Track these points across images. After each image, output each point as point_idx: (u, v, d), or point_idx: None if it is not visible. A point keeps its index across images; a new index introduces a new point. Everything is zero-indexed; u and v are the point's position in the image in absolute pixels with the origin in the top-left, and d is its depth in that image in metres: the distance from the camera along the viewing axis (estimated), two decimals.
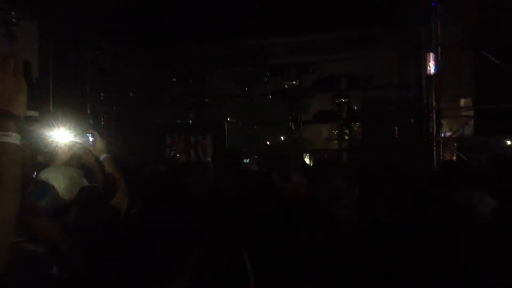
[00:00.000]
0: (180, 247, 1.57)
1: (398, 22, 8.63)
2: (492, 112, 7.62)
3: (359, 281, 2.21)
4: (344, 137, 9.87)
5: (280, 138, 12.65)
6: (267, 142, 11.67)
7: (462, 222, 2.32)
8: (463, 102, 9.42)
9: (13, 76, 1.45)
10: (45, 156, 3.58)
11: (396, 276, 2.32)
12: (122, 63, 10.11)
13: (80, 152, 3.19)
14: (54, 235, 2.29)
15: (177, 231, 1.70)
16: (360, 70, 9.53)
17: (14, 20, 7.36)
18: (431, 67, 7.86)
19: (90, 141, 3.18)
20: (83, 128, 3.41)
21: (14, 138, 1.40)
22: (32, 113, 7.94)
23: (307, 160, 10.20)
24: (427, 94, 7.95)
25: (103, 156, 3.14)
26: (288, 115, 10.32)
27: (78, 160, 3.34)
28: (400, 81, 8.82)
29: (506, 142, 8.38)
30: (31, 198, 2.37)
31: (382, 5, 8.25)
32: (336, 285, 2.21)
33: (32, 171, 2.93)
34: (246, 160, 5.20)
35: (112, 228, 2.64)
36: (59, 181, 2.52)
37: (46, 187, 2.46)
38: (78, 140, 3.19)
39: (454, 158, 8.34)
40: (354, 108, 9.67)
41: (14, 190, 1.40)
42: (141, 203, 3.27)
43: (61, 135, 3.29)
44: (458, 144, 8.38)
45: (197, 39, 9.62)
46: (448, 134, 8.66)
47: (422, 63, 7.90)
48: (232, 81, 10.41)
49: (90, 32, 8.85)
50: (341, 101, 9.44)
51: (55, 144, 3.26)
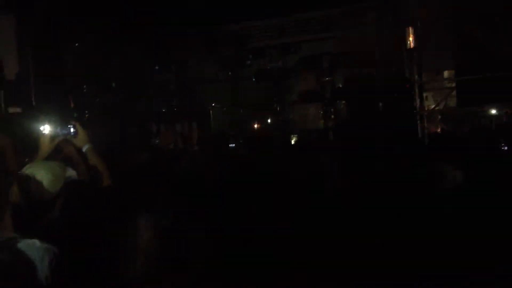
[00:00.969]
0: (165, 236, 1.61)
1: None
2: (473, 83, 7.68)
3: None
4: (330, 115, 9.90)
5: (266, 120, 12.66)
6: (253, 125, 11.69)
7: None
8: (447, 74, 9.47)
9: None
10: (28, 150, 3.57)
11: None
12: (103, 53, 10.01)
13: (62, 144, 3.18)
14: None
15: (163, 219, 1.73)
16: (342, 48, 9.56)
17: None
18: (411, 41, 7.89)
19: (72, 132, 3.17)
20: (65, 120, 3.40)
21: None
22: (15, 109, 7.88)
23: (293, 140, 10.25)
24: (408, 68, 7.98)
25: (86, 147, 3.14)
26: (273, 96, 10.34)
27: (61, 153, 3.33)
28: (382, 57, 8.85)
29: (489, 112, 8.46)
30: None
31: None
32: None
33: (16, 167, 2.92)
34: (231, 145, 5.20)
35: (98, 219, 2.66)
36: (43, 175, 2.53)
37: (31, 182, 2.47)
38: (59, 132, 3.17)
39: (438, 130, 8.44)
40: (338, 86, 9.71)
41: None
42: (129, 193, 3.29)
43: (43, 128, 3.28)
44: (442, 116, 8.46)
45: (178, 25, 9.57)
46: (432, 106, 8.73)
47: (402, 38, 7.93)
48: (215, 65, 10.39)
49: (69, 23, 8.75)
50: (324, 80, 9.46)
51: (37, 138, 3.25)
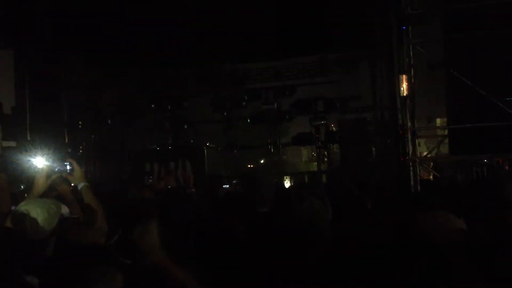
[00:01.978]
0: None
1: (371, 46, 8.85)
2: (465, 131, 7.79)
3: None
4: (323, 159, 9.97)
5: (260, 161, 12.70)
6: (247, 165, 11.71)
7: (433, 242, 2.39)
8: (439, 121, 9.61)
9: None
10: (23, 186, 3.56)
11: None
12: (99, 90, 10.10)
13: (58, 182, 3.18)
14: None
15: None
16: (337, 93, 9.72)
17: None
18: (404, 88, 8.04)
19: (68, 169, 3.17)
20: (61, 157, 3.40)
21: None
22: (9, 143, 7.87)
23: (287, 182, 10.26)
24: (402, 115, 8.10)
25: (81, 185, 3.14)
26: (267, 138, 10.40)
27: (55, 190, 3.31)
28: (376, 103, 9.00)
29: (481, 160, 8.54)
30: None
31: (356, 29, 8.48)
32: None
33: (10, 204, 2.91)
34: (225, 186, 5.20)
35: (92, 257, 2.64)
36: (37, 213, 2.52)
37: (26, 219, 2.46)
38: (55, 169, 3.17)
39: (430, 177, 8.49)
40: (331, 130, 9.82)
41: None
42: (122, 231, 3.26)
43: (39, 164, 3.27)
44: (434, 163, 8.52)
45: (175, 64, 9.71)
46: (425, 153, 8.82)
47: (396, 85, 8.07)
48: (211, 105, 10.48)
49: (67, 59, 8.86)
50: (318, 123, 9.56)
51: (32, 174, 3.24)
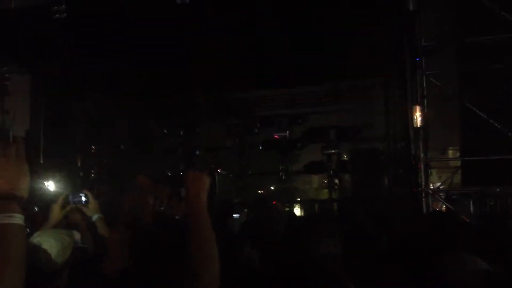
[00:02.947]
0: None
1: (385, 76, 8.88)
2: (478, 163, 7.74)
3: None
4: (334, 187, 9.92)
5: (271, 188, 12.66)
6: (258, 192, 11.68)
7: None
8: (452, 153, 9.56)
9: (15, 159, 1.52)
10: (37, 216, 3.57)
11: None
12: (113, 116, 10.20)
13: (73, 212, 3.18)
14: None
15: None
16: (349, 122, 9.72)
17: (7, 75, 7.47)
18: (417, 119, 8.02)
19: (83, 201, 3.17)
20: (74, 186, 3.42)
21: (18, 219, 1.46)
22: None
23: (297, 210, 10.20)
24: (414, 145, 8.06)
25: (95, 217, 3.14)
26: (278, 165, 10.40)
27: (67, 218, 3.32)
28: (388, 132, 8.98)
29: (494, 191, 8.44)
30: None
31: (370, 59, 8.52)
32: None
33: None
34: (236, 215, 5.17)
35: None
36: (51, 245, 2.52)
37: (39, 251, 2.46)
38: (71, 199, 3.18)
39: (443, 208, 8.39)
40: (343, 159, 9.78)
41: (20, 267, 1.45)
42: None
43: (51, 188, 3.29)
44: (446, 194, 8.43)
45: (188, 92, 9.79)
46: (438, 184, 8.73)
47: (409, 115, 8.06)
48: (223, 132, 10.54)
49: (81, 85, 8.97)
50: (330, 152, 9.54)
51: (47, 203, 3.25)
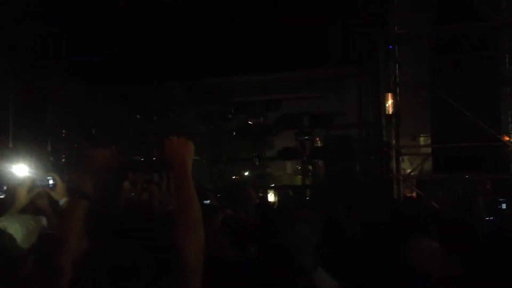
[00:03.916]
0: None
1: (358, 64, 8.94)
2: (449, 150, 7.89)
3: None
4: (308, 173, 9.98)
5: (244, 174, 12.67)
6: (232, 178, 11.67)
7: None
8: (423, 140, 9.71)
9: None
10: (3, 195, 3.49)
11: None
12: (84, 99, 10.02)
13: (40, 196, 3.11)
14: None
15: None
16: (323, 109, 9.76)
17: None
18: (390, 106, 8.11)
19: (50, 184, 3.10)
20: (43, 170, 3.34)
21: None
22: None
23: (271, 196, 10.24)
24: (386, 132, 8.17)
25: (63, 201, 3.08)
26: (252, 151, 10.40)
27: (32, 203, 3.24)
28: (361, 120, 9.07)
29: (464, 178, 8.63)
30: None
31: (343, 47, 8.55)
32: None
33: None
34: (206, 201, 5.13)
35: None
36: (16, 229, 2.47)
37: (4, 236, 2.40)
38: (38, 183, 3.10)
39: (414, 194, 8.54)
40: (317, 145, 9.84)
41: None
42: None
43: (20, 173, 3.21)
44: (417, 181, 8.59)
45: (161, 77, 9.68)
46: (408, 171, 8.87)
47: (381, 103, 8.15)
48: (197, 118, 10.46)
49: (51, 68, 8.78)
50: (304, 138, 9.58)
51: (14, 185, 3.17)
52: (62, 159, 8.89)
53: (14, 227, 2.45)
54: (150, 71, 9.04)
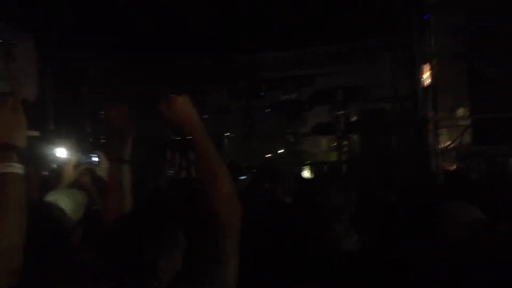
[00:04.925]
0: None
1: (392, 35, 8.75)
2: (489, 122, 7.71)
3: None
4: (343, 148, 9.91)
5: (278, 151, 12.67)
6: (265, 155, 11.71)
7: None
8: (461, 111, 9.50)
9: (12, 111, 1.55)
10: (51, 177, 3.62)
11: None
12: (120, 80, 10.16)
13: (85, 173, 3.22)
14: None
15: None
16: (357, 82, 9.62)
17: (14, 41, 7.41)
18: (426, 78, 7.95)
19: (95, 161, 3.20)
20: (88, 149, 3.45)
21: (17, 169, 1.50)
22: (33, 133, 7.99)
23: (306, 172, 10.25)
24: (423, 104, 8.02)
25: None
26: (286, 128, 10.38)
27: (77, 181, 3.35)
28: (397, 92, 8.91)
29: (506, 151, 8.44)
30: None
31: (376, 18, 8.38)
32: None
33: (38, 195, 2.97)
34: (242, 177, 5.18)
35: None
36: (65, 203, 2.58)
37: (55, 209, 2.50)
38: (83, 160, 3.21)
39: (454, 167, 8.41)
40: (351, 120, 9.74)
41: (20, 217, 1.49)
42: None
43: (63, 154, 3.32)
44: (456, 153, 8.43)
45: (192, 55, 9.72)
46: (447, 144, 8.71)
47: (417, 75, 7.99)
48: (229, 95, 10.48)
49: (88, 48, 8.93)
50: (338, 113, 9.48)
51: (60, 165, 3.29)
52: (102, 140, 9.09)
53: (63, 200, 2.56)
54: (180, 49, 9.07)
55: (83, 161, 3.16)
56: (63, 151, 3.44)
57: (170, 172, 8.21)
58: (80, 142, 7.91)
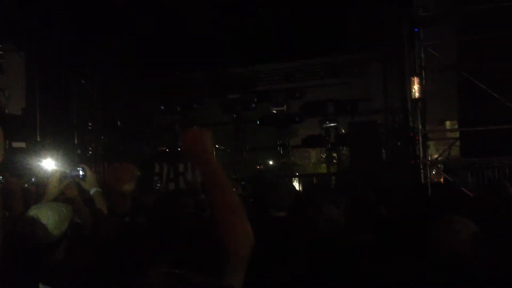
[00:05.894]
0: None
1: (382, 48, 8.80)
2: (477, 134, 7.73)
3: None
4: (333, 161, 9.91)
5: (269, 163, 12.66)
6: (256, 167, 11.69)
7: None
8: (448, 124, 9.55)
9: None
10: (35, 189, 3.55)
11: None
12: (109, 92, 10.11)
13: (69, 188, 3.16)
14: None
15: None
16: (347, 95, 9.65)
17: (1, 52, 7.37)
18: (416, 91, 7.97)
19: (81, 175, 3.14)
20: (73, 161, 3.39)
21: None
22: (19, 144, 7.90)
23: (296, 184, 10.21)
24: (412, 117, 8.04)
25: (93, 191, 3.10)
26: (276, 140, 10.36)
27: (63, 194, 3.29)
28: (386, 105, 8.94)
29: (493, 163, 8.46)
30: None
31: (367, 31, 8.41)
32: None
33: (22, 208, 2.90)
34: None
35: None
36: (48, 216, 2.51)
37: (35, 223, 2.44)
38: (68, 173, 3.15)
39: (441, 180, 8.42)
40: (341, 132, 9.75)
41: None
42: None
43: (49, 166, 3.25)
44: (444, 166, 8.45)
45: (184, 68, 9.68)
46: (435, 156, 8.75)
47: (407, 87, 8.01)
48: (220, 108, 10.45)
49: (77, 62, 8.88)
50: (328, 125, 9.49)
51: (43, 176, 3.23)
52: (89, 151, 9.02)
53: (46, 214, 2.49)
54: (173, 62, 9.05)
55: (68, 174, 3.10)
56: (49, 163, 3.37)
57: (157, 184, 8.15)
58: (68, 153, 7.88)
